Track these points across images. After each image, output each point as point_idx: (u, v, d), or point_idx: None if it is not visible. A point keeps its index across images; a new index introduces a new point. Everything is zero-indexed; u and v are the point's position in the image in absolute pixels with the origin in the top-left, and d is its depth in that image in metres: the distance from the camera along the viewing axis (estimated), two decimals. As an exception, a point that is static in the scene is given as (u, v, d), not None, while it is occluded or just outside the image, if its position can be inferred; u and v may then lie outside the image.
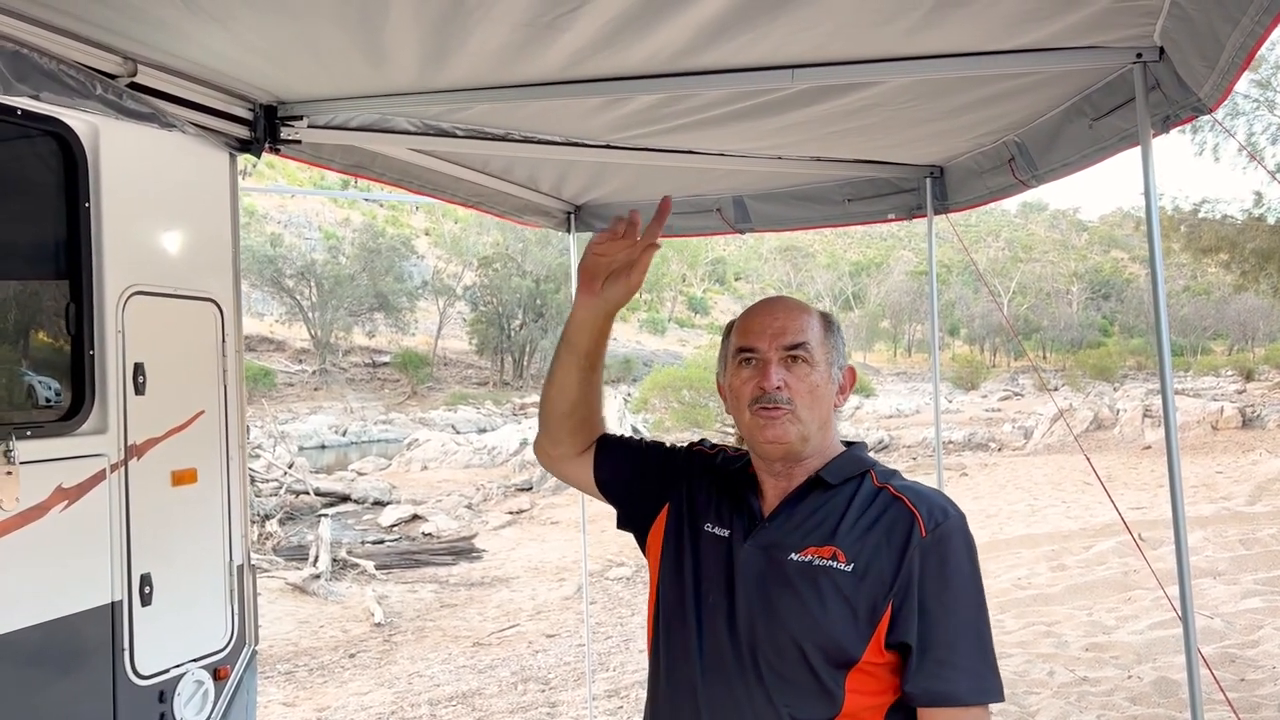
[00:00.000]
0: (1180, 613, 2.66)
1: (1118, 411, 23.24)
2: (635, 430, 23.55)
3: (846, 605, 1.56)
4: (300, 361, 44.18)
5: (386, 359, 45.85)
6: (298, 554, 11.58)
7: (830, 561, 1.59)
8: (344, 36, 2.53)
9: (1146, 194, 2.55)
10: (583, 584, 5.87)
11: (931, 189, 4.10)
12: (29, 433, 2.54)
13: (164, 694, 2.91)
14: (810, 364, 1.67)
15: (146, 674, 2.84)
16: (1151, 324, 2.57)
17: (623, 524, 1.94)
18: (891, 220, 4.37)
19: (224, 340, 3.20)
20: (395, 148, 3.68)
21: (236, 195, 3.30)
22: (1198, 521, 10.51)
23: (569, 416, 1.91)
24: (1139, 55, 2.48)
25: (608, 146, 3.72)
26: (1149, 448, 19.42)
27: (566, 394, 1.89)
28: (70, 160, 2.71)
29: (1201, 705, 2.64)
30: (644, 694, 5.97)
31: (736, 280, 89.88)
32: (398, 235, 53.19)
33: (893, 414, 33.53)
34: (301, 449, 25.06)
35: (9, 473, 2.46)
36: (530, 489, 17.66)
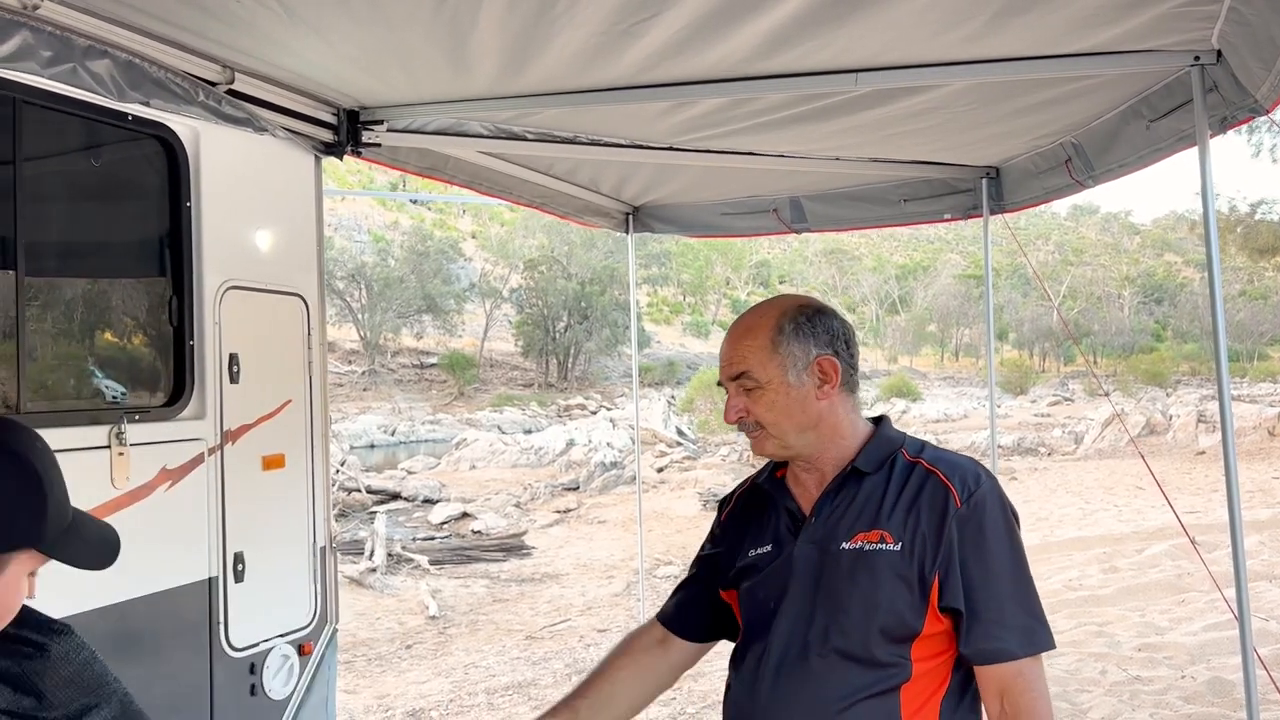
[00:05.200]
0: (1236, 612, 2.71)
1: (1170, 417, 22.90)
2: (680, 432, 23.64)
3: (902, 582, 1.66)
4: (350, 362, 44.81)
5: (434, 360, 46.35)
6: (352, 549, 11.82)
7: (880, 545, 1.68)
8: (432, 44, 2.68)
9: (1204, 194, 2.62)
10: (639, 578, 6.00)
11: (987, 189, 4.18)
12: (137, 416, 2.72)
13: (254, 666, 3.08)
14: (761, 386, 1.73)
15: (239, 646, 3.02)
16: (1207, 328, 2.63)
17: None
18: (947, 220, 4.45)
19: (310, 334, 3.37)
20: (467, 150, 3.83)
21: (321, 196, 3.48)
22: (1254, 526, 10.40)
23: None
24: (1196, 58, 2.55)
25: (670, 149, 3.85)
26: (1203, 453, 19.13)
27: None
28: (174, 162, 2.90)
29: (1258, 704, 2.68)
30: (695, 686, 6.01)
31: (781, 283, 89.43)
32: (445, 238, 53.78)
33: (940, 418, 33.27)
34: (352, 448, 25.45)
35: (121, 453, 2.64)
36: (577, 489, 17.83)
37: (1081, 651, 6.57)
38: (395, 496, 17.68)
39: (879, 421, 1.84)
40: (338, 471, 18.28)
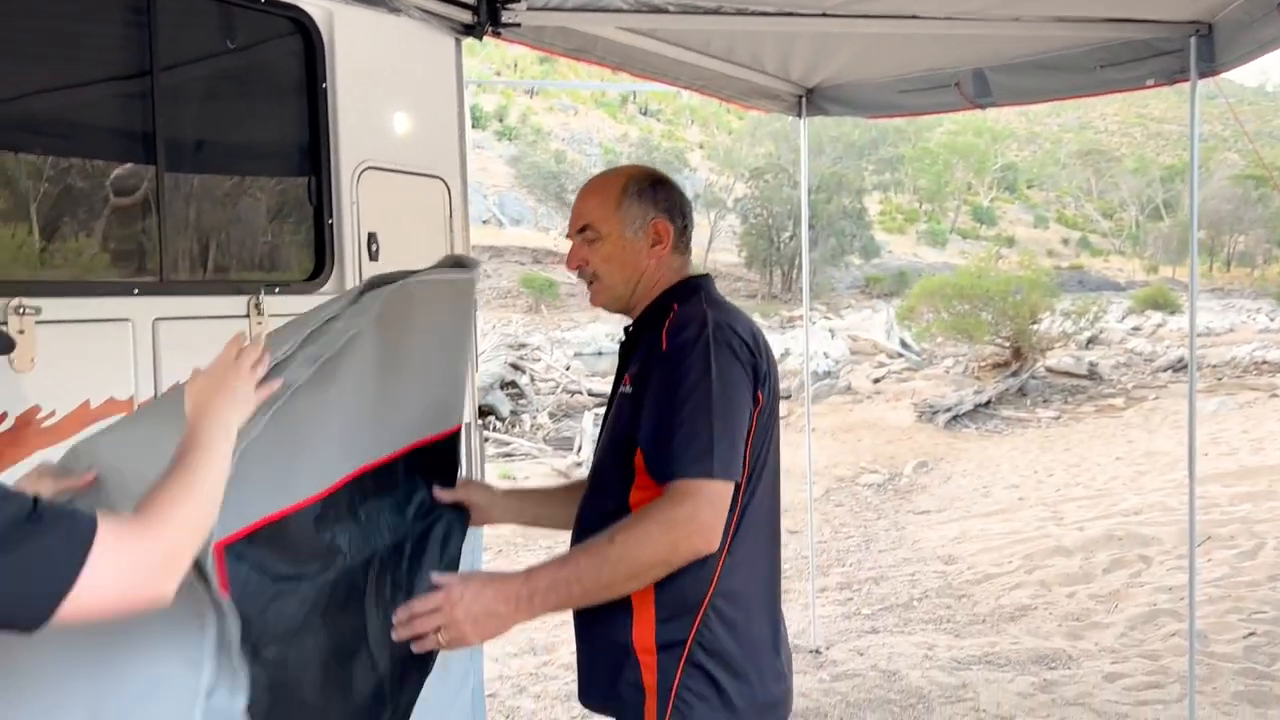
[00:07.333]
0: None
1: None
2: (903, 343, 22.92)
3: (630, 425, 1.78)
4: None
5: (661, 271, 46.97)
6: (564, 444, 12.33)
7: (627, 388, 1.84)
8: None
9: None
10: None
11: (1197, 48, 3.67)
12: (276, 289, 2.87)
13: (397, 531, 3.24)
14: (600, 238, 1.92)
15: (382, 512, 3.17)
16: None
17: None
18: (1149, 87, 3.95)
19: (451, 216, 3.44)
20: (608, 28, 3.74)
21: (462, 79, 3.50)
22: None
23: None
24: None
25: (824, 15, 3.61)
26: None
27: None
28: (309, 44, 2.98)
29: None
30: (875, 589, 5.92)
31: (1029, 188, 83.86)
32: (671, 149, 53.86)
33: (1202, 331, 30.47)
34: (578, 354, 26.36)
35: (259, 323, 2.80)
36: (789, 397, 17.70)
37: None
38: (614, 400, 18.27)
39: (687, 282, 1.93)
40: (563, 374, 19.07)
